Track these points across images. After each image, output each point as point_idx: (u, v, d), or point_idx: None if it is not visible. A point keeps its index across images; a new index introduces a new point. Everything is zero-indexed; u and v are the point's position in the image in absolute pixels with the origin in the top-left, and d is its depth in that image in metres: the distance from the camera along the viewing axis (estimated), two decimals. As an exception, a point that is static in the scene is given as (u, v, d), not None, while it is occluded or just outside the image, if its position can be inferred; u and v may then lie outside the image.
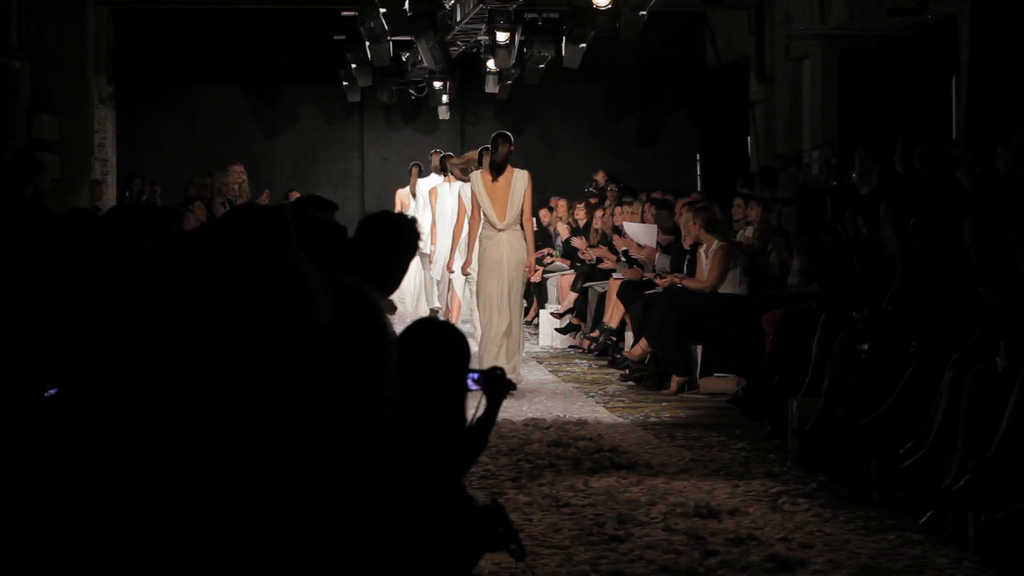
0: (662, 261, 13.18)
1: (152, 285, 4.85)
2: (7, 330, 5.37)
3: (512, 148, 11.99)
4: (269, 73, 22.55)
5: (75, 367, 4.16)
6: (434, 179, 17.39)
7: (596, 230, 16.93)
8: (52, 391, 4.43)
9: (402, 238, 5.13)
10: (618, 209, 15.75)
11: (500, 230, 11.86)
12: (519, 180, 11.92)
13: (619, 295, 13.65)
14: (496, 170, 11.90)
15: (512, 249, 11.91)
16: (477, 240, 12.19)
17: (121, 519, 3.29)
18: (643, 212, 14.67)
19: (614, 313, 14.11)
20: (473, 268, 12.53)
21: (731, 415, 10.37)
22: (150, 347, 3.46)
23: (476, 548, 3.93)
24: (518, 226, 11.97)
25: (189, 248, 3.70)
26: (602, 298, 14.74)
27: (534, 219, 19.49)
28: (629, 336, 13.44)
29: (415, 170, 18.07)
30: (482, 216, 11.99)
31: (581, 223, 17.70)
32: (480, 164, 12.46)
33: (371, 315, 3.19)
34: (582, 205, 18.06)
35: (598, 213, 17.01)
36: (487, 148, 12.26)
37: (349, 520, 3.20)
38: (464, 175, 13.72)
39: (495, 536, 3.94)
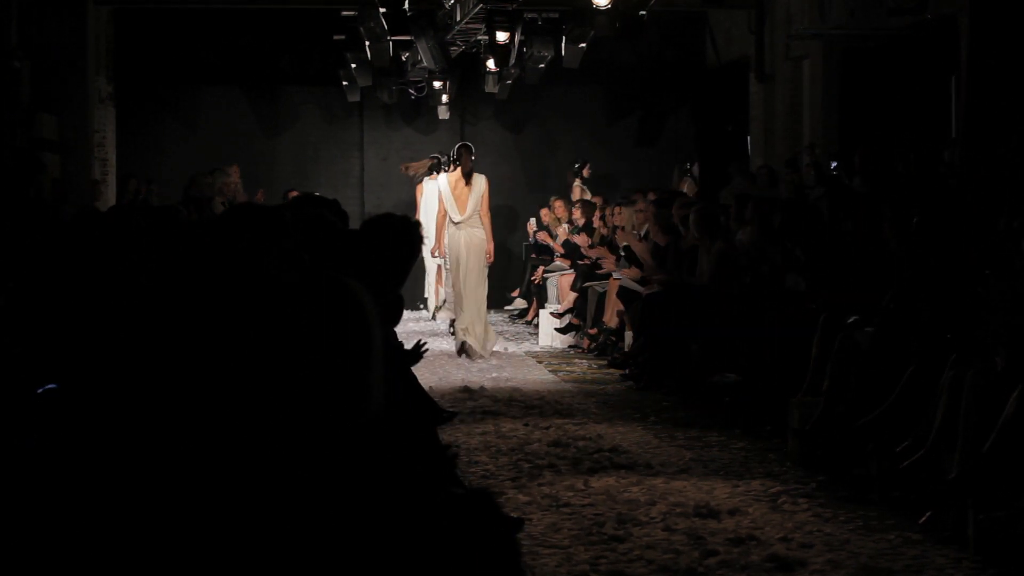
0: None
1: (151, 285, 4.85)
2: (7, 329, 5.37)
3: (474, 156, 14.81)
4: (269, 73, 22.49)
5: (75, 365, 4.17)
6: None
7: (594, 230, 16.92)
8: (49, 387, 4.43)
9: (405, 240, 5.14)
10: (617, 209, 15.74)
11: (457, 223, 14.45)
12: (479, 182, 14.59)
13: (619, 295, 13.64)
14: (466, 176, 14.53)
15: (470, 239, 14.51)
16: (444, 230, 14.72)
17: (117, 517, 3.29)
18: (647, 213, 14.65)
19: (614, 313, 14.10)
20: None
21: (731, 415, 10.36)
22: (148, 346, 3.46)
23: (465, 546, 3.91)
24: (476, 220, 14.50)
25: (188, 247, 3.70)
26: (602, 298, 14.73)
27: (534, 219, 19.77)
28: (629, 336, 13.42)
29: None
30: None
31: (580, 223, 17.70)
32: (450, 165, 15.42)
33: (357, 310, 3.19)
34: (578, 204, 18.06)
35: (597, 214, 17.00)
36: (464, 148, 14.82)
37: (341, 518, 3.20)
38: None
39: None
